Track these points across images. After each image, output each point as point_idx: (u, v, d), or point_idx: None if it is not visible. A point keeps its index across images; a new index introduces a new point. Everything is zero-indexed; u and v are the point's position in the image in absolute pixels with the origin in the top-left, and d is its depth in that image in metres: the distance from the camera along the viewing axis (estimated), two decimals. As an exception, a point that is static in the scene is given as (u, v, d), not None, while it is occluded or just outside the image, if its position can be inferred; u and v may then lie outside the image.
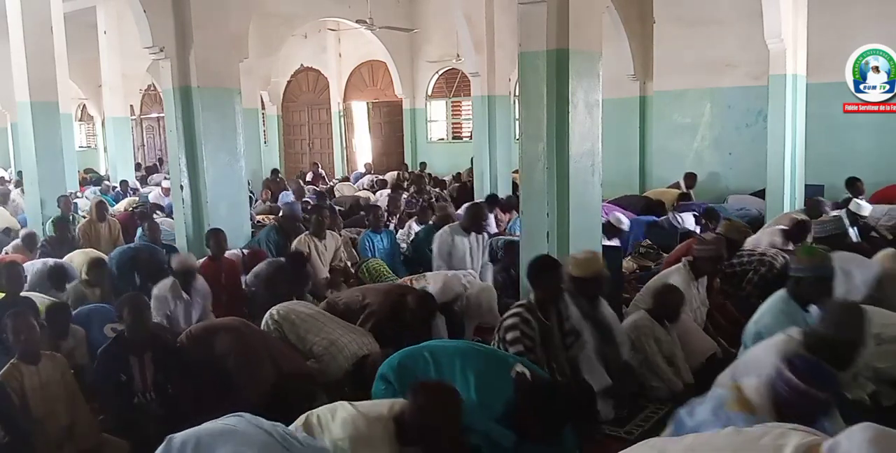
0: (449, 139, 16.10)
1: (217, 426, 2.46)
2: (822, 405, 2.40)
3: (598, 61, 4.85)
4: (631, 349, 4.14)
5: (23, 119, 8.25)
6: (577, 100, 4.68)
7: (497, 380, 3.22)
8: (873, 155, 9.26)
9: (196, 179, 6.80)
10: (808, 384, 2.37)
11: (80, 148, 19.65)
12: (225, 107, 6.87)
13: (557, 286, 3.81)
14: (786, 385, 2.41)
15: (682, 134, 10.95)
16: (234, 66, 7.05)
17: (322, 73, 17.69)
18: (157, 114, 19.72)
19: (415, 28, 15.07)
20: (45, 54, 8.22)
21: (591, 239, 4.95)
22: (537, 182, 4.77)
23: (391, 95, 16.34)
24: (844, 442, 1.76)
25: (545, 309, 3.82)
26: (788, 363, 2.45)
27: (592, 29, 4.81)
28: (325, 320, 4.44)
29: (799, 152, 8.96)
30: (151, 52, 6.79)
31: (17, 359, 3.37)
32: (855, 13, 9.21)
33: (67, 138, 10.25)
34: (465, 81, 13.70)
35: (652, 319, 4.20)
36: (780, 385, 2.43)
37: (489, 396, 3.15)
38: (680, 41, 10.62)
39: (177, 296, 4.96)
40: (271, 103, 18.60)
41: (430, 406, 2.59)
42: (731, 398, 2.52)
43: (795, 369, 2.41)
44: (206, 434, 2.40)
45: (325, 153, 18.42)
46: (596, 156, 4.88)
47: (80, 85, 17.17)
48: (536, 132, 4.73)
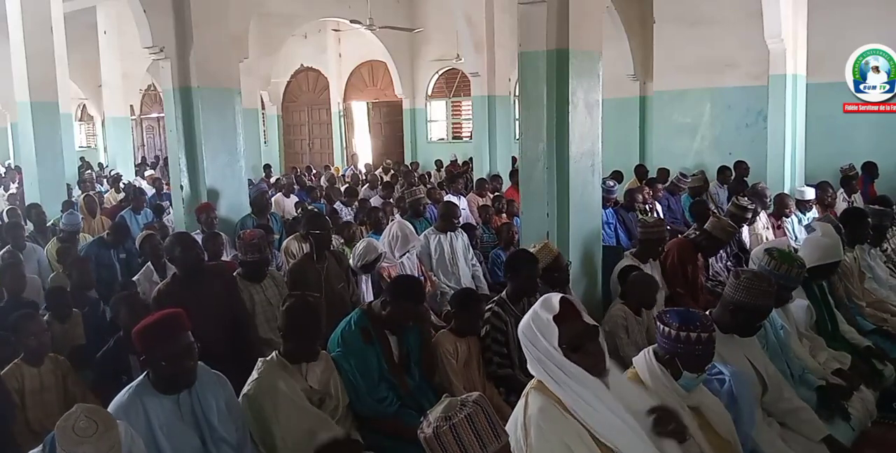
0: (449, 139, 16.11)
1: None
2: (704, 345, 2.51)
3: (598, 61, 4.85)
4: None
5: (23, 119, 8.25)
6: (577, 100, 4.68)
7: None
8: (873, 155, 9.24)
9: (196, 179, 6.80)
10: (680, 330, 2.50)
11: (80, 148, 19.66)
12: (225, 107, 6.87)
13: (530, 279, 3.90)
14: (664, 339, 2.55)
15: (682, 134, 10.94)
16: (234, 66, 7.05)
17: (322, 73, 17.70)
18: (157, 115, 19.75)
19: (415, 28, 15.08)
20: (45, 54, 8.22)
21: (592, 239, 4.96)
22: (537, 182, 4.77)
23: (391, 95, 16.35)
24: None
25: (518, 302, 3.87)
26: (659, 319, 2.60)
27: (592, 29, 4.81)
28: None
29: (799, 152, 8.97)
30: (151, 52, 6.80)
31: (21, 360, 3.37)
32: (855, 13, 9.21)
33: (67, 138, 10.26)
34: (465, 81, 13.71)
35: (626, 309, 4.21)
36: (660, 342, 2.57)
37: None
38: (680, 41, 10.61)
39: (149, 280, 5.13)
40: (271, 103, 18.62)
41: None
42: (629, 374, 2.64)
43: (667, 322, 2.55)
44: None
45: (325, 153, 18.44)
46: (596, 156, 4.88)
47: (80, 85, 17.18)
48: (536, 132, 4.73)
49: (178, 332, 2.59)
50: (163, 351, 2.54)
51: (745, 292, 3.04)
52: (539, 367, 2.22)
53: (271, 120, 18.87)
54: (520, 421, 2.22)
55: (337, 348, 3.38)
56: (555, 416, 2.16)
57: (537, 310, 2.23)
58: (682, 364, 2.53)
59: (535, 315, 2.23)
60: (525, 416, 2.20)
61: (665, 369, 2.55)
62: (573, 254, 4.73)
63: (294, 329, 3.05)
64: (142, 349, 2.59)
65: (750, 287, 3.04)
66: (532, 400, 2.22)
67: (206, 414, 2.65)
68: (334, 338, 3.45)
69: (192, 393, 2.65)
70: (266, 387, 2.92)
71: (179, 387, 2.62)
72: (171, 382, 2.60)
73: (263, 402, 2.89)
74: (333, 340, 3.44)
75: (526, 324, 2.25)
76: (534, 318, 2.23)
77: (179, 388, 2.62)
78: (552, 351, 2.16)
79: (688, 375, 2.53)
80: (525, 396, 2.27)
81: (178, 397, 2.63)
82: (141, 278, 5.34)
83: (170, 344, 2.55)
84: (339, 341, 3.39)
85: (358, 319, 3.43)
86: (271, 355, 3.08)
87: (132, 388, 2.60)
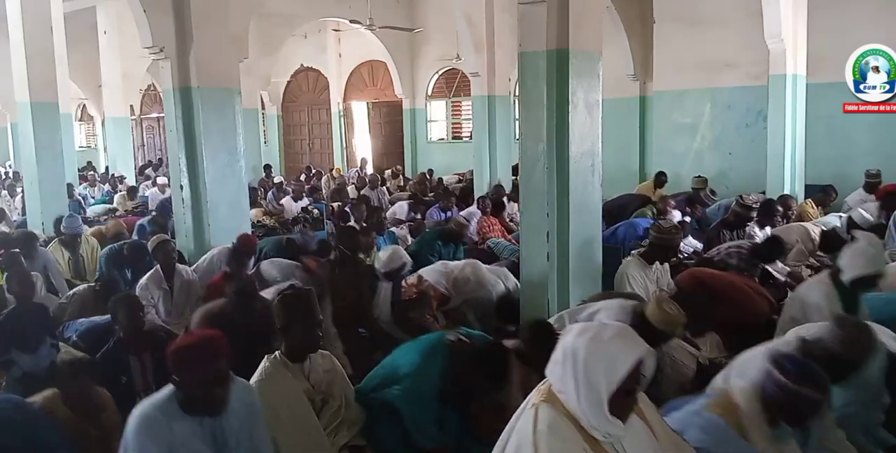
0: (449, 139, 16.10)
1: None
2: (813, 406, 2.37)
3: (598, 61, 4.85)
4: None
5: (23, 119, 8.24)
6: (577, 100, 4.67)
7: (435, 354, 3.31)
8: (873, 155, 9.24)
9: (196, 179, 6.79)
10: (798, 384, 2.33)
11: (80, 148, 19.66)
12: (225, 107, 6.86)
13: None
14: (775, 385, 2.37)
15: (682, 134, 10.94)
16: (234, 66, 7.04)
17: (322, 73, 17.70)
18: (157, 115, 19.74)
19: (415, 28, 15.08)
20: (45, 54, 8.21)
21: (591, 239, 4.95)
22: (537, 182, 4.77)
23: (391, 95, 16.35)
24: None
25: None
26: (777, 364, 2.40)
27: (592, 29, 4.81)
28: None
29: (799, 152, 8.97)
30: (151, 52, 6.78)
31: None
32: (855, 13, 9.21)
33: (67, 138, 10.28)
34: (465, 81, 13.70)
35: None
36: (769, 386, 2.39)
37: (428, 369, 3.25)
38: (680, 41, 10.61)
39: (159, 287, 5.04)
40: (271, 103, 18.61)
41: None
42: (715, 401, 2.50)
43: (785, 370, 2.37)
44: None
45: (325, 153, 18.44)
46: (596, 156, 4.88)
47: (80, 85, 17.18)
48: (536, 132, 4.73)
49: (213, 359, 2.45)
50: (194, 376, 2.42)
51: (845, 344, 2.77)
52: (572, 386, 1.99)
53: (271, 120, 18.87)
54: (527, 438, 2.02)
55: (396, 387, 3.29)
56: (567, 436, 1.99)
57: (624, 344, 1.99)
58: (786, 416, 2.38)
59: (617, 344, 1.98)
60: (535, 433, 2.01)
61: (764, 413, 2.39)
62: (573, 254, 4.73)
63: (291, 320, 3.03)
64: (173, 369, 2.47)
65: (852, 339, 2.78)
66: (542, 416, 2.02)
67: (227, 439, 2.54)
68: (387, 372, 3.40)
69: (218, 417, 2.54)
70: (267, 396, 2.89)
71: (205, 413, 2.50)
72: (197, 407, 2.48)
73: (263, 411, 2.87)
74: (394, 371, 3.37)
75: (595, 345, 1.97)
76: (613, 347, 1.97)
77: (205, 414, 2.50)
78: (607, 385, 1.94)
79: (786, 427, 2.40)
80: (534, 410, 2.06)
81: (201, 419, 2.51)
82: (148, 283, 5.20)
83: (202, 371, 2.42)
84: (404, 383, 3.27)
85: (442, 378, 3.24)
86: (274, 354, 3.07)
87: (157, 403, 2.49)
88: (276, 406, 2.88)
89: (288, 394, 2.94)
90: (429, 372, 3.26)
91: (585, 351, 1.97)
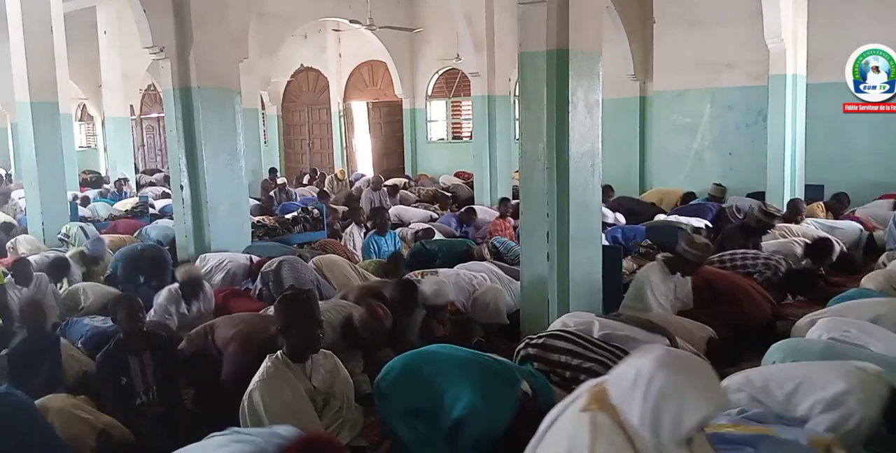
0: (449, 139, 16.10)
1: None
2: None
3: (598, 61, 4.85)
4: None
5: (23, 119, 8.25)
6: (577, 100, 4.67)
7: (502, 397, 2.97)
8: (873, 155, 9.25)
9: (196, 179, 6.79)
10: None
11: (80, 148, 19.66)
12: (225, 107, 6.87)
13: None
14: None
15: (682, 134, 10.94)
16: (234, 66, 7.04)
17: (322, 73, 17.70)
18: (157, 115, 19.73)
19: (415, 28, 15.08)
20: (45, 54, 8.22)
21: (591, 239, 4.95)
22: (537, 182, 4.76)
23: (391, 95, 16.35)
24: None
25: None
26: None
27: (592, 29, 4.80)
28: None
29: (799, 152, 8.96)
30: (151, 52, 6.79)
31: None
32: (855, 13, 9.22)
33: (67, 138, 10.28)
34: (465, 81, 13.70)
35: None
36: None
37: (495, 411, 2.92)
38: (680, 41, 10.61)
39: (175, 305, 4.94)
40: (271, 103, 18.61)
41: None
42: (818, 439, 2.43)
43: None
44: None
45: (325, 153, 18.44)
46: (596, 156, 4.88)
47: (80, 85, 17.18)
48: (536, 132, 4.73)
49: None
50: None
51: None
52: (638, 408, 1.88)
53: (271, 120, 18.86)
54: (583, 443, 1.93)
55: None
56: (622, 450, 1.91)
57: (712, 387, 1.88)
58: None
59: (706, 386, 1.86)
60: (593, 441, 1.91)
61: None
62: (573, 254, 4.72)
63: (292, 320, 3.03)
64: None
65: None
66: (601, 426, 1.92)
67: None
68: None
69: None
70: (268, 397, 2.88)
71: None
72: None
73: (263, 414, 2.87)
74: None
75: (679, 380, 1.85)
76: (699, 384, 1.85)
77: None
78: (689, 426, 1.84)
79: None
80: (589, 416, 1.95)
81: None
82: (165, 302, 4.93)
83: None
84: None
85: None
86: (276, 354, 3.07)
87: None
88: (277, 405, 2.87)
89: (290, 394, 2.94)
90: (492, 424, 2.91)
91: (667, 382, 1.85)
